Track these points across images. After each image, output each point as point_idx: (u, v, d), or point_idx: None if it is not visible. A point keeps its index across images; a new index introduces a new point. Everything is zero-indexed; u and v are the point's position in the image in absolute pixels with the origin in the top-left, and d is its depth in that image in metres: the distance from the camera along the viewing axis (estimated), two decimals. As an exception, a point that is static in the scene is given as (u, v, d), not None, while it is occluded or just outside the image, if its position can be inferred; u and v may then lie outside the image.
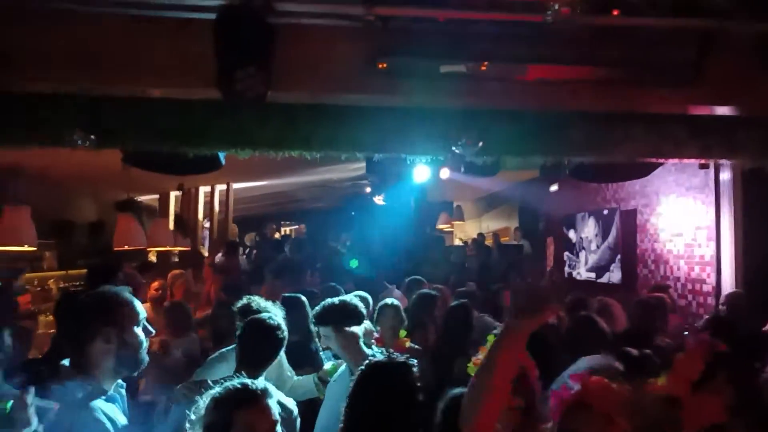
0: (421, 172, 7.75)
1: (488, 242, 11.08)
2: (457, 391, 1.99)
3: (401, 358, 2.04)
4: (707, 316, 4.61)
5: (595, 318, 3.30)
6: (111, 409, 1.74)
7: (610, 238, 7.61)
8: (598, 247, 7.95)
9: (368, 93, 2.42)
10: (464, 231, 13.64)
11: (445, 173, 7.71)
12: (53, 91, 2.29)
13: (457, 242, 12.93)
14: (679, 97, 2.68)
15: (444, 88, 2.51)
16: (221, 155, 3.25)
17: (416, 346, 3.66)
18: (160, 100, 2.33)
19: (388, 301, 3.73)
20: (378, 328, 3.65)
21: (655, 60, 2.48)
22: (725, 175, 5.64)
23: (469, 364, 2.44)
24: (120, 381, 1.85)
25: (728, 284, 5.54)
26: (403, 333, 3.65)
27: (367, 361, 2.05)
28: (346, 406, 1.94)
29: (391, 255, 8.95)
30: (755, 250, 5.43)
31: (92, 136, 2.26)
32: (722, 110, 2.87)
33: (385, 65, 2.39)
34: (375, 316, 3.70)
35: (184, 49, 2.13)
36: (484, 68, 2.67)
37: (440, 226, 12.53)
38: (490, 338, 2.48)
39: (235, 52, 1.94)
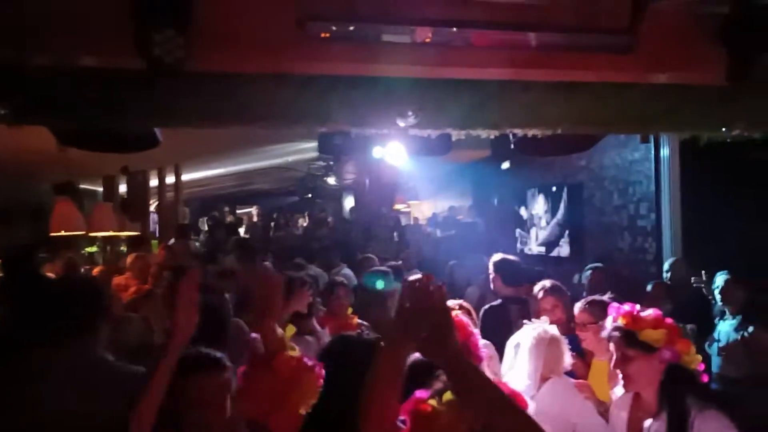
0: (374, 151, 7.73)
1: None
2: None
3: (371, 336, 2.08)
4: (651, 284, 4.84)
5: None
6: None
7: (559, 214, 7.81)
8: (547, 223, 8.16)
9: (303, 60, 2.35)
10: (420, 210, 13.74)
11: (398, 152, 7.71)
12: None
13: (413, 221, 13.01)
14: (617, 65, 2.72)
15: (384, 56, 2.47)
16: (157, 132, 3.13)
17: (364, 323, 3.67)
18: (80, 70, 2.19)
19: (337, 279, 3.72)
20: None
21: (591, 26, 2.51)
22: (665, 149, 5.85)
23: None
24: None
25: (668, 253, 5.79)
26: (349, 310, 3.65)
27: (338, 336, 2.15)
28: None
29: (347, 234, 8.93)
30: (692, 219, 5.69)
31: (2, 111, 2.11)
32: (659, 78, 2.94)
33: (323, 32, 2.32)
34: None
35: (101, 12, 2.00)
36: (428, 39, 2.66)
37: (397, 206, 12.58)
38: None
39: (151, 14, 1.84)
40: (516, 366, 2.50)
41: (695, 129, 3.47)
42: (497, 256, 4.09)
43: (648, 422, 2.00)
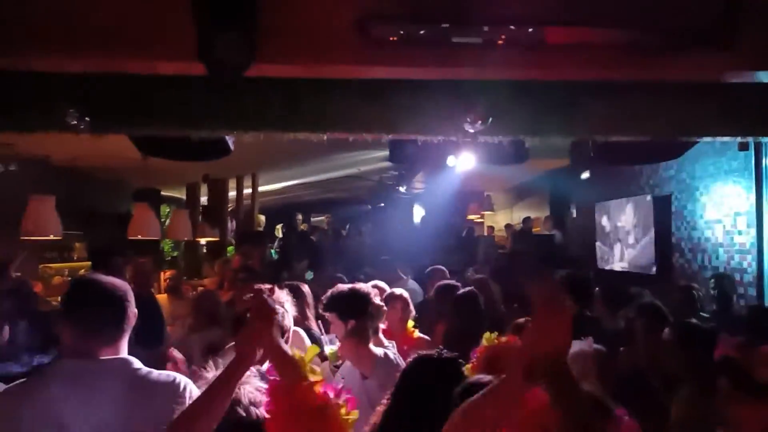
0: (447, 160, 7.60)
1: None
2: (474, 378, 1.90)
3: (449, 354, 1.95)
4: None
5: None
6: None
7: (644, 227, 7.30)
8: (636, 240, 7.62)
9: (368, 65, 2.29)
10: (495, 221, 13.40)
11: (470, 161, 7.53)
12: (40, 69, 2.23)
13: (487, 231, 12.70)
14: (711, 62, 2.45)
15: (453, 58, 2.35)
16: (229, 141, 3.19)
17: (425, 337, 3.55)
18: (151, 78, 2.25)
19: (396, 291, 3.64)
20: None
21: (683, 20, 2.27)
22: (767, 158, 5.30)
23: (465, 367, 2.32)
24: None
25: (772, 273, 5.22)
26: (410, 324, 3.54)
27: (415, 356, 1.98)
28: (391, 400, 1.85)
29: (417, 245, 8.82)
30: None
31: (86, 118, 2.21)
32: (761, 77, 2.62)
33: (391, 36, 2.25)
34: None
35: (162, 17, 2.03)
36: (501, 41, 2.52)
37: (470, 217, 12.33)
38: (487, 336, 2.35)
39: (214, 18, 1.85)
40: None
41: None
42: (564, 273, 3.90)
43: None
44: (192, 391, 1.66)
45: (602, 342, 2.67)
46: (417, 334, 3.49)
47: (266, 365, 1.72)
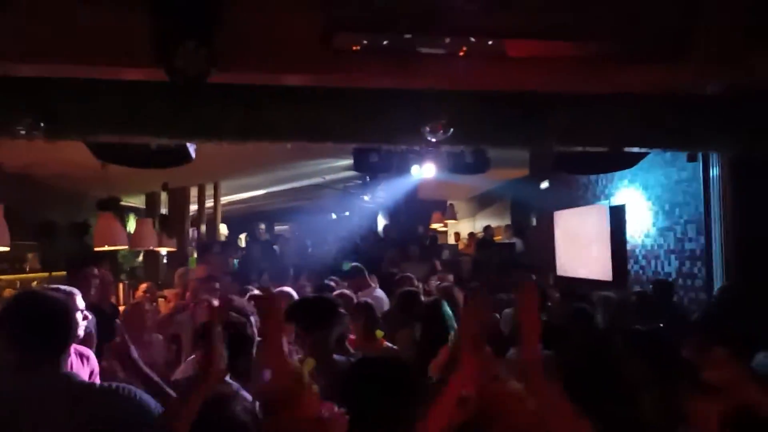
0: (411, 169, 7.66)
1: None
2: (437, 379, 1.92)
3: (391, 357, 1.95)
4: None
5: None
6: None
7: (600, 235, 7.52)
8: (588, 244, 7.86)
9: (332, 73, 2.31)
10: (458, 230, 13.55)
11: (431, 171, 7.62)
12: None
13: (451, 241, 12.83)
14: (664, 74, 2.56)
15: (415, 67, 2.39)
16: (190, 148, 3.14)
17: (392, 346, 3.56)
18: (110, 84, 2.20)
19: (362, 300, 3.63)
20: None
21: (639, 32, 2.37)
22: (714, 169, 5.55)
23: (430, 365, 2.35)
24: None
25: (719, 279, 5.45)
26: (379, 333, 3.54)
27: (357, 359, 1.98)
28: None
29: (381, 254, 8.84)
30: (744, 243, 5.35)
31: (41, 124, 2.13)
32: (710, 87, 2.76)
33: (354, 45, 2.27)
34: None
35: (122, 24, 1.99)
36: (462, 53, 2.58)
37: (433, 226, 12.44)
38: (452, 337, 2.39)
39: (174, 26, 1.82)
40: None
41: (754, 146, 3.25)
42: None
43: None
44: (139, 396, 1.62)
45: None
46: (385, 343, 3.48)
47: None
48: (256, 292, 3.75)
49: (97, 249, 6.03)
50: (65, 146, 2.66)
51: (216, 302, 1.61)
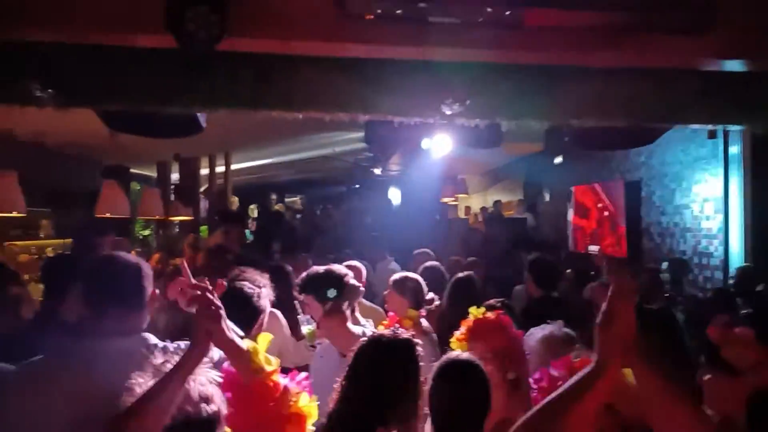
0: (423, 142, 7.58)
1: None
2: (452, 354, 1.93)
3: (405, 334, 1.93)
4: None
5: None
6: None
7: (615, 211, 7.43)
8: (601, 220, 7.79)
9: (344, 42, 2.24)
10: (469, 204, 13.49)
11: (446, 144, 7.53)
12: (2, 38, 2.11)
13: (461, 215, 12.79)
14: (688, 48, 2.47)
15: (430, 37, 2.32)
16: (201, 118, 3.10)
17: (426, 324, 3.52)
18: (120, 51, 2.15)
19: (410, 274, 3.58)
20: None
21: (662, 3, 2.27)
22: (734, 146, 5.42)
23: (451, 339, 2.35)
24: None
25: (736, 258, 5.37)
26: (413, 314, 3.50)
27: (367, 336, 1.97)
28: (344, 380, 1.84)
29: (392, 227, 8.84)
30: (764, 222, 5.25)
31: (50, 91, 2.10)
32: (731, 65, 2.66)
33: (367, 13, 2.20)
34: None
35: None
36: (479, 22, 2.49)
37: (444, 200, 12.38)
38: (473, 311, 2.38)
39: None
40: None
41: (769, 123, 3.15)
42: (533, 256, 3.97)
43: None
44: None
45: (570, 323, 2.74)
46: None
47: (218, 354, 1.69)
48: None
49: (98, 216, 6.06)
50: (77, 114, 2.64)
51: (203, 286, 1.58)
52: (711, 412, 1.89)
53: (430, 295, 3.52)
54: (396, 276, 3.55)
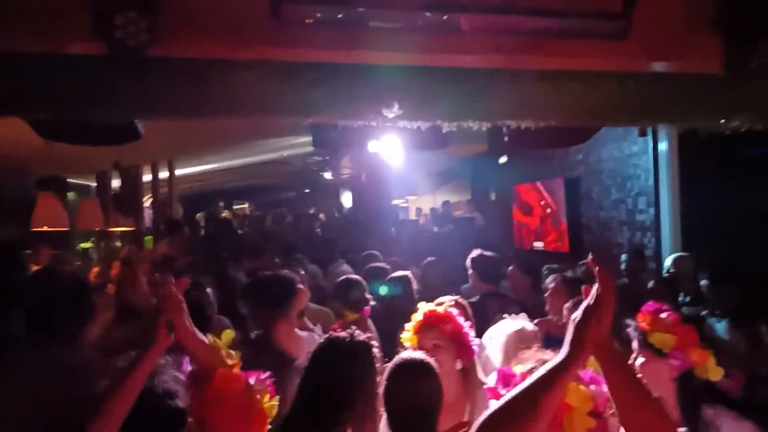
0: (370, 145, 7.64)
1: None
2: (405, 354, 1.96)
3: (362, 336, 1.96)
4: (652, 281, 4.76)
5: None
6: None
7: (557, 207, 7.72)
8: (544, 217, 8.07)
9: (283, 47, 2.25)
10: (419, 206, 13.67)
11: (395, 146, 7.61)
12: None
13: (412, 216, 12.94)
14: (612, 52, 2.63)
15: (370, 42, 2.36)
16: (138, 125, 3.03)
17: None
18: (49, 58, 2.07)
19: (354, 277, 3.67)
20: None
21: (588, 9, 2.42)
22: (663, 142, 5.76)
23: (401, 335, 2.41)
24: None
25: (668, 248, 5.69)
26: (351, 316, 3.55)
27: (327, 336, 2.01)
28: (302, 381, 1.86)
29: (344, 229, 8.84)
30: (692, 214, 5.59)
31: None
32: (655, 67, 2.85)
33: (306, 18, 2.23)
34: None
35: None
36: (417, 27, 2.56)
37: (395, 201, 12.50)
38: (421, 306, 2.45)
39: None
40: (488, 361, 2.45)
41: (693, 120, 3.38)
42: (474, 253, 4.12)
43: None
44: None
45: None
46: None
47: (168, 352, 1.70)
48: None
49: (34, 230, 5.79)
50: (6, 123, 2.53)
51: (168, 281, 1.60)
52: None
53: None
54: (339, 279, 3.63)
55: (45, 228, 5.57)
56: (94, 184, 8.62)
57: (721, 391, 1.94)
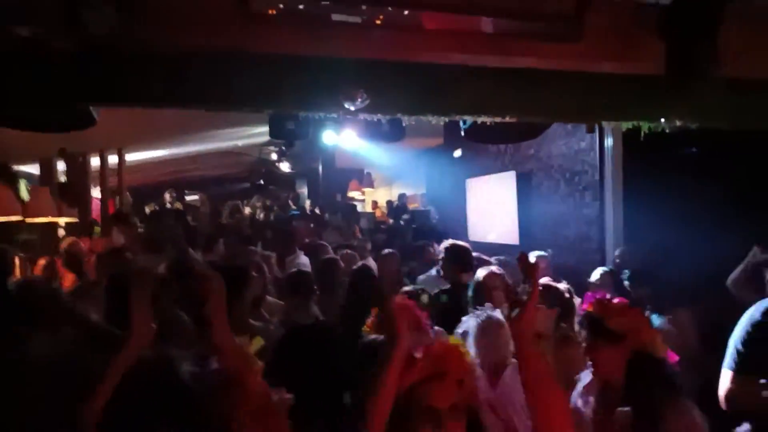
0: (327, 136, 7.64)
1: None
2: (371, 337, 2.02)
3: (323, 322, 2.02)
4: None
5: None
6: None
7: (508, 202, 7.96)
8: (495, 210, 8.31)
9: (247, 38, 2.26)
10: (375, 198, 13.73)
11: (351, 138, 7.65)
12: None
13: (368, 209, 12.99)
14: (565, 53, 2.77)
15: (332, 35, 2.41)
16: (93, 111, 2.96)
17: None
18: (16, 44, 2.00)
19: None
20: None
21: (541, 12, 2.54)
22: (608, 139, 6.04)
23: (364, 327, 2.46)
24: None
25: (611, 241, 5.99)
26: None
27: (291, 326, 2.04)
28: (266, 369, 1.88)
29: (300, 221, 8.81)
30: (634, 209, 5.90)
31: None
32: (603, 67, 3.01)
33: (270, 9, 2.25)
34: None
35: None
36: (379, 21, 2.62)
37: (351, 194, 12.52)
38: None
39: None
40: None
41: (635, 119, 3.58)
42: (448, 243, 4.16)
43: (618, 409, 2.00)
44: None
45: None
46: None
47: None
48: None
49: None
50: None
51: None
52: (596, 379, 2.17)
53: None
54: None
55: (-2, 217, 5.34)
56: (38, 173, 8.26)
57: (667, 373, 2.10)
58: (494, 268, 3.42)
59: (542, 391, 1.39)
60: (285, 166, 11.78)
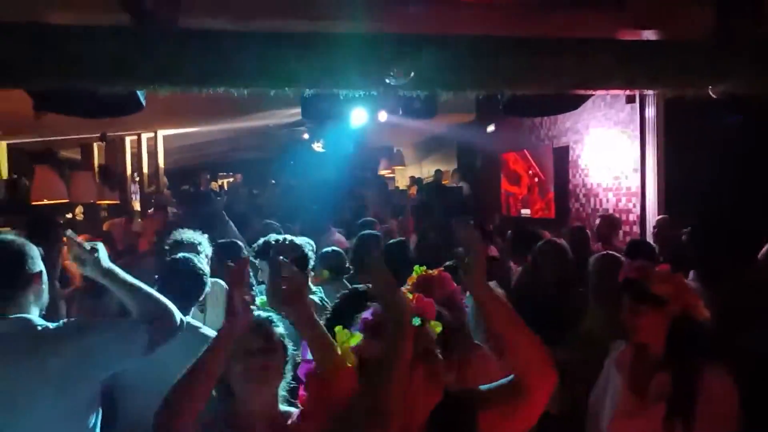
0: (358, 115, 7.63)
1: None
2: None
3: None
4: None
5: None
6: None
7: (544, 176, 7.85)
8: (531, 185, 8.20)
9: (292, 18, 2.28)
10: (405, 176, 13.70)
11: (383, 116, 7.62)
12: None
13: (400, 186, 13.00)
14: (605, 21, 2.70)
15: (374, 11, 2.40)
16: (141, 94, 3.03)
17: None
18: (63, 28, 2.06)
19: (328, 249, 3.78)
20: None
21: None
22: (650, 110, 5.87)
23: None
24: None
25: (652, 213, 5.87)
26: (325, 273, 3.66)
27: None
28: None
29: (334, 200, 8.88)
30: (676, 180, 5.76)
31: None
32: (647, 35, 2.93)
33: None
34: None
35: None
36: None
37: (382, 171, 12.52)
38: (417, 269, 2.53)
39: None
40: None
41: (682, 86, 3.48)
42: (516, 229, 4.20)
43: (655, 376, 2.02)
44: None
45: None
46: None
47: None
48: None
49: (34, 203, 5.79)
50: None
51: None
52: (632, 346, 2.18)
53: None
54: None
55: (44, 201, 5.59)
56: (79, 158, 8.51)
57: (708, 338, 2.09)
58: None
59: (510, 327, 1.47)
60: (316, 146, 11.83)
